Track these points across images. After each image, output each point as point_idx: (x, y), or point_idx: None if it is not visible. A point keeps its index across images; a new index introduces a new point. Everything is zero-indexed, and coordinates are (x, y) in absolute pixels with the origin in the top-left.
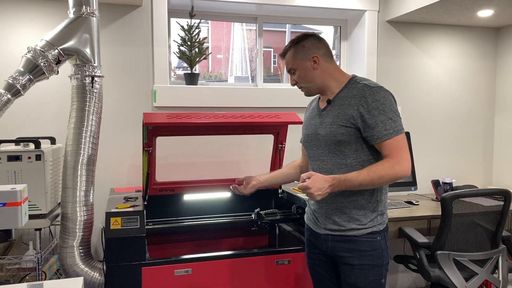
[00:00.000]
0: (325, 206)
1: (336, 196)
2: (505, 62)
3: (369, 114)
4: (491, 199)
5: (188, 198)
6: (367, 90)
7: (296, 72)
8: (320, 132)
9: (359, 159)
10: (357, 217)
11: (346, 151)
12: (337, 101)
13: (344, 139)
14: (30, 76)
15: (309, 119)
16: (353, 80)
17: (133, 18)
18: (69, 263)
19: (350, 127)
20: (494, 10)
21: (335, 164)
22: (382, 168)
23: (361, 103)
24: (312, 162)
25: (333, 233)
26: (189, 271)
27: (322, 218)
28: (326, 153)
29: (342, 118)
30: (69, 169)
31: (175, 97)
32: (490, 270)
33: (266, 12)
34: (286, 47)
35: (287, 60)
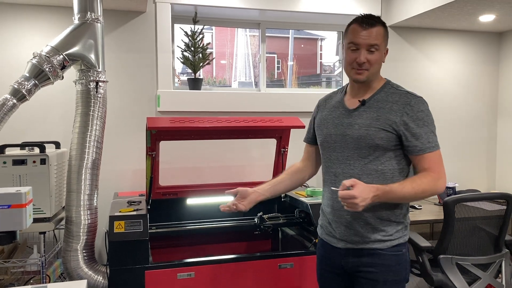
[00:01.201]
0: (347, 215)
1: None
2: (507, 67)
3: (414, 124)
4: (493, 203)
5: (191, 202)
6: (412, 99)
7: (376, 52)
8: (350, 133)
9: (390, 167)
10: (382, 228)
11: (379, 157)
12: (374, 103)
13: (383, 144)
14: (36, 81)
15: (332, 118)
16: (389, 85)
17: (137, 24)
18: (73, 267)
19: (390, 132)
20: (495, 15)
21: (364, 170)
22: (426, 182)
23: (406, 111)
24: (332, 165)
25: (354, 246)
26: (192, 274)
27: (341, 229)
28: (355, 156)
29: (383, 122)
30: (73, 173)
31: (178, 102)
32: (493, 274)
33: (269, 18)
34: (374, 18)
35: (376, 34)
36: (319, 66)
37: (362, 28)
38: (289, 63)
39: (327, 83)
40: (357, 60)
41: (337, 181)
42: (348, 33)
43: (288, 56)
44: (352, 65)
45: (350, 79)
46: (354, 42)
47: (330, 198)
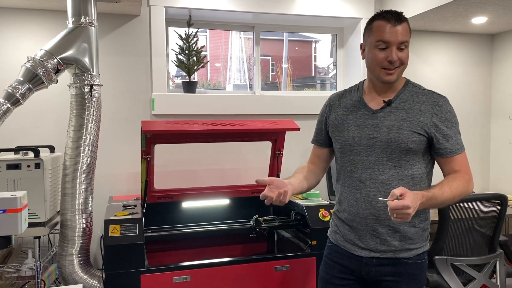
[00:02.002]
0: (374, 223)
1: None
2: (500, 69)
3: (444, 125)
4: (487, 204)
5: (186, 205)
6: (440, 99)
7: (405, 50)
8: (378, 136)
9: (419, 171)
10: (410, 236)
11: (410, 161)
12: (401, 103)
13: (415, 147)
14: (30, 85)
15: (353, 119)
16: (411, 84)
17: (132, 27)
18: (68, 271)
19: (423, 135)
20: (488, 17)
21: (394, 175)
22: (461, 185)
23: (435, 112)
24: (356, 170)
25: (379, 255)
26: (188, 278)
27: (367, 237)
28: (384, 161)
29: (415, 124)
30: (68, 177)
31: (173, 105)
32: (488, 274)
33: (263, 21)
34: (401, 15)
35: (405, 30)
36: (314, 69)
37: (392, 25)
38: (283, 65)
39: (322, 86)
40: (388, 59)
41: (363, 188)
42: (374, 31)
43: (283, 58)
44: (381, 64)
45: (376, 80)
46: (384, 40)
47: (354, 205)
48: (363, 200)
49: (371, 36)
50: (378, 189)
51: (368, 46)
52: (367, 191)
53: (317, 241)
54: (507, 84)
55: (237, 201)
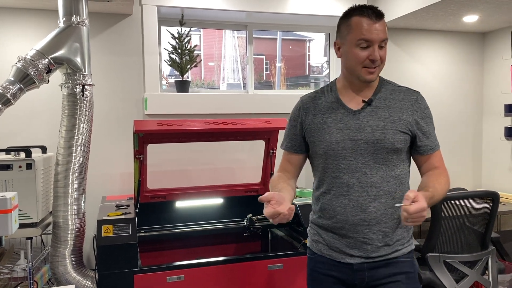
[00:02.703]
0: (365, 229)
1: (377, 210)
2: (491, 67)
3: (424, 122)
4: (479, 201)
5: (180, 205)
6: (417, 95)
7: (385, 48)
8: (362, 137)
9: (404, 171)
10: (398, 238)
11: (396, 161)
12: (381, 102)
13: (402, 147)
14: (21, 85)
15: (333, 121)
16: (385, 81)
17: (124, 27)
18: (61, 272)
19: (406, 134)
20: (479, 16)
21: (383, 177)
22: (447, 181)
23: (415, 109)
24: (342, 175)
25: (370, 260)
26: (182, 277)
27: (357, 244)
28: (372, 163)
29: (399, 123)
30: (60, 178)
31: (166, 104)
32: (480, 271)
33: (256, 20)
34: (380, 11)
35: (384, 28)
36: (307, 67)
37: (373, 22)
38: (277, 64)
39: (316, 84)
40: (371, 57)
41: (352, 193)
42: (353, 28)
43: (276, 57)
44: (363, 63)
45: (356, 79)
46: (366, 39)
47: (342, 212)
48: (352, 206)
49: (350, 34)
50: (367, 193)
51: (346, 44)
52: (356, 196)
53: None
54: (498, 82)
55: (230, 200)
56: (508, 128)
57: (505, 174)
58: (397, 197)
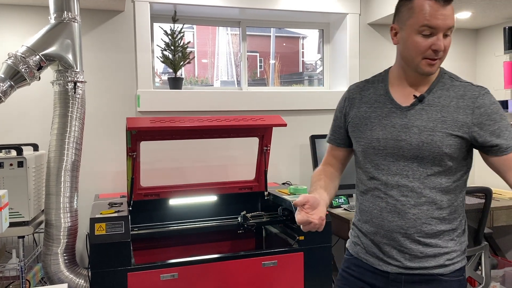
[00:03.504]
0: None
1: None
2: (484, 63)
3: (490, 120)
4: (472, 197)
5: (173, 202)
6: (480, 91)
7: (449, 36)
8: (407, 138)
9: (455, 179)
10: (446, 251)
11: (445, 168)
12: (435, 99)
13: (451, 153)
14: (11, 83)
15: (377, 117)
16: (446, 75)
17: (116, 23)
18: (53, 271)
19: (461, 137)
20: (472, 12)
21: (426, 183)
22: None
23: (477, 106)
24: (380, 176)
25: (409, 271)
26: (176, 275)
27: (393, 252)
28: (415, 167)
29: (452, 125)
30: (52, 176)
31: (159, 101)
32: (473, 267)
33: (249, 16)
34: None
35: (453, 13)
36: (301, 65)
37: (440, 5)
38: (271, 61)
39: (310, 81)
40: (433, 47)
41: (390, 196)
42: (417, 12)
43: (270, 54)
44: (424, 53)
45: (413, 71)
46: (431, 25)
47: (378, 216)
48: (389, 210)
49: (412, 18)
50: (407, 198)
51: (406, 30)
52: (394, 200)
53: (305, 237)
54: (490, 79)
55: (224, 197)
56: None
57: None
58: (444, 207)
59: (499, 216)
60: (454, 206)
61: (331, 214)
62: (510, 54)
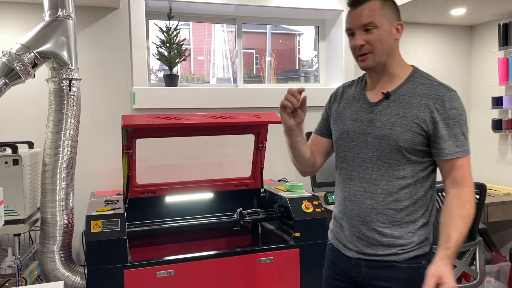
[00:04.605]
0: (360, 225)
1: (372, 208)
2: (479, 60)
3: (444, 123)
4: None
5: (169, 200)
6: (445, 93)
7: (374, 31)
8: (372, 132)
9: (413, 173)
10: (400, 242)
11: (402, 161)
12: (401, 96)
13: (406, 147)
14: (6, 80)
15: (350, 112)
16: (418, 74)
17: (111, 20)
18: (49, 268)
19: (418, 133)
20: (466, 9)
21: (383, 175)
22: (470, 206)
23: (436, 107)
24: (347, 167)
25: (367, 257)
26: (172, 272)
27: (354, 239)
28: (375, 159)
29: (410, 121)
30: (48, 173)
31: (154, 99)
32: (468, 262)
33: (245, 13)
34: None
35: (368, 10)
36: (297, 61)
37: (352, 9)
38: (267, 58)
39: (306, 78)
40: (352, 44)
41: (351, 186)
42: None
43: (266, 51)
44: (354, 52)
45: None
46: (348, 27)
47: (342, 204)
48: (350, 199)
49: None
50: (365, 189)
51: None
52: (354, 190)
53: (301, 233)
54: (485, 75)
55: (220, 194)
56: (495, 120)
57: (492, 166)
58: (401, 199)
59: (494, 212)
60: (414, 200)
61: (327, 211)
62: (505, 51)
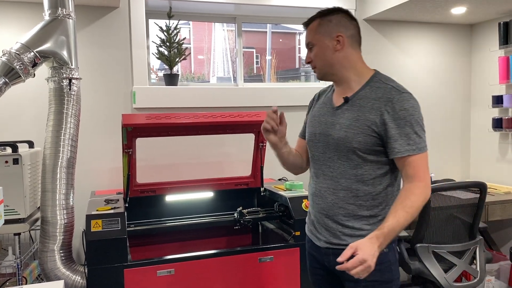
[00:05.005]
0: (326, 218)
1: (334, 203)
2: (479, 58)
3: (394, 123)
4: (467, 192)
5: (170, 199)
6: (396, 95)
7: (314, 48)
8: (332, 133)
9: (370, 171)
10: (361, 233)
11: (359, 161)
12: (357, 101)
13: (360, 148)
14: (6, 80)
15: (318, 116)
16: (376, 78)
17: (111, 19)
18: (50, 267)
19: (370, 135)
20: (466, 7)
21: (343, 173)
22: (416, 198)
23: (387, 109)
24: (315, 165)
25: (333, 246)
26: (172, 271)
27: (322, 230)
28: (335, 158)
29: (363, 123)
30: (48, 173)
31: (154, 98)
32: (468, 261)
33: (245, 12)
34: (312, 17)
35: (308, 32)
36: (298, 60)
37: (304, 29)
38: (267, 57)
39: (306, 77)
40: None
41: (318, 183)
42: None
43: (267, 50)
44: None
45: None
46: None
47: (311, 199)
48: (316, 194)
49: None
50: (328, 186)
51: None
52: (320, 186)
53: (301, 232)
54: (486, 74)
55: (220, 193)
56: (495, 119)
57: (492, 165)
58: (360, 195)
59: (494, 211)
60: (373, 196)
61: None
62: (505, 49)
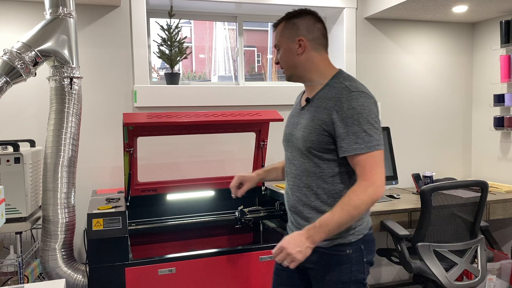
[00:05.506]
0: (295, 214)
1: (298, 199)
2: (481, 57)
3: (342, 123)
4: (469, 191)
5: (171, 198)
6: (345, 94)
7: (280, 50)
8: (295, 133)
9: (329, 170)
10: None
11: (316, 160)
12: (316, 101)
13: (315, 147)
14: (7, 79)
15: (290, 117)
16: (336, 78)
17: (112, 18)
18: (51, 266)
19: (322, 134)
20: (468, 6)
21: (304, 171)
22: (355, 196)
23: (336, 108)
24: (286, 165)
25: None
26: (173, 270)
27: (293, 226)
28: (298, 157)
29: (316, 123)
30: (49, 172)
31: (156, 97)
32: (469, 260)
33: (246, 11)
34: (280, 19)
35: (275, 34)
36: None
37: (273, 31)
38: (268, 56)
39: None
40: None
41: (287, 181)
42: None
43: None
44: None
45: None
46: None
47: (284, 197)
48: (286, 192)
49: None
50: (293, 183)
51: None
52: (288, 184)
53: None
54: (487, 72)
55: (221, 192)
56: (497, 118)
57: (494, 164)
58: (320, 193)
59: (495, 210)
60: (332, 194)
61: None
62: (507, 48)
